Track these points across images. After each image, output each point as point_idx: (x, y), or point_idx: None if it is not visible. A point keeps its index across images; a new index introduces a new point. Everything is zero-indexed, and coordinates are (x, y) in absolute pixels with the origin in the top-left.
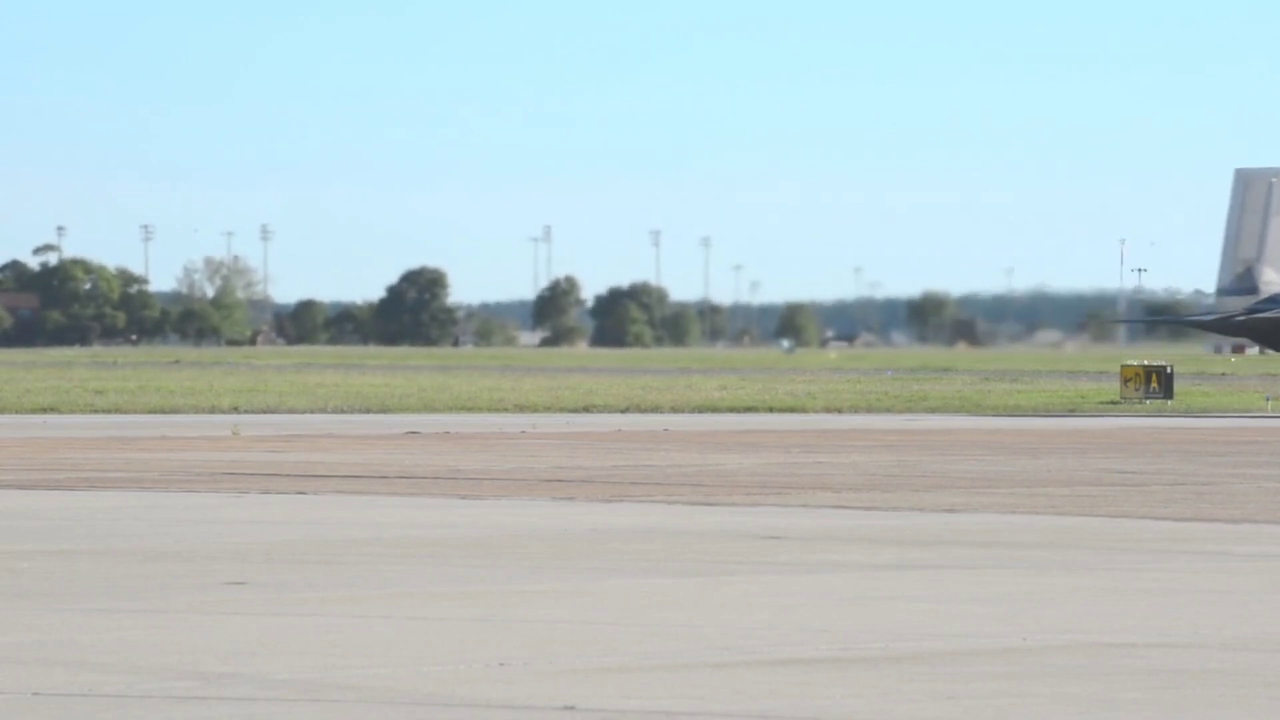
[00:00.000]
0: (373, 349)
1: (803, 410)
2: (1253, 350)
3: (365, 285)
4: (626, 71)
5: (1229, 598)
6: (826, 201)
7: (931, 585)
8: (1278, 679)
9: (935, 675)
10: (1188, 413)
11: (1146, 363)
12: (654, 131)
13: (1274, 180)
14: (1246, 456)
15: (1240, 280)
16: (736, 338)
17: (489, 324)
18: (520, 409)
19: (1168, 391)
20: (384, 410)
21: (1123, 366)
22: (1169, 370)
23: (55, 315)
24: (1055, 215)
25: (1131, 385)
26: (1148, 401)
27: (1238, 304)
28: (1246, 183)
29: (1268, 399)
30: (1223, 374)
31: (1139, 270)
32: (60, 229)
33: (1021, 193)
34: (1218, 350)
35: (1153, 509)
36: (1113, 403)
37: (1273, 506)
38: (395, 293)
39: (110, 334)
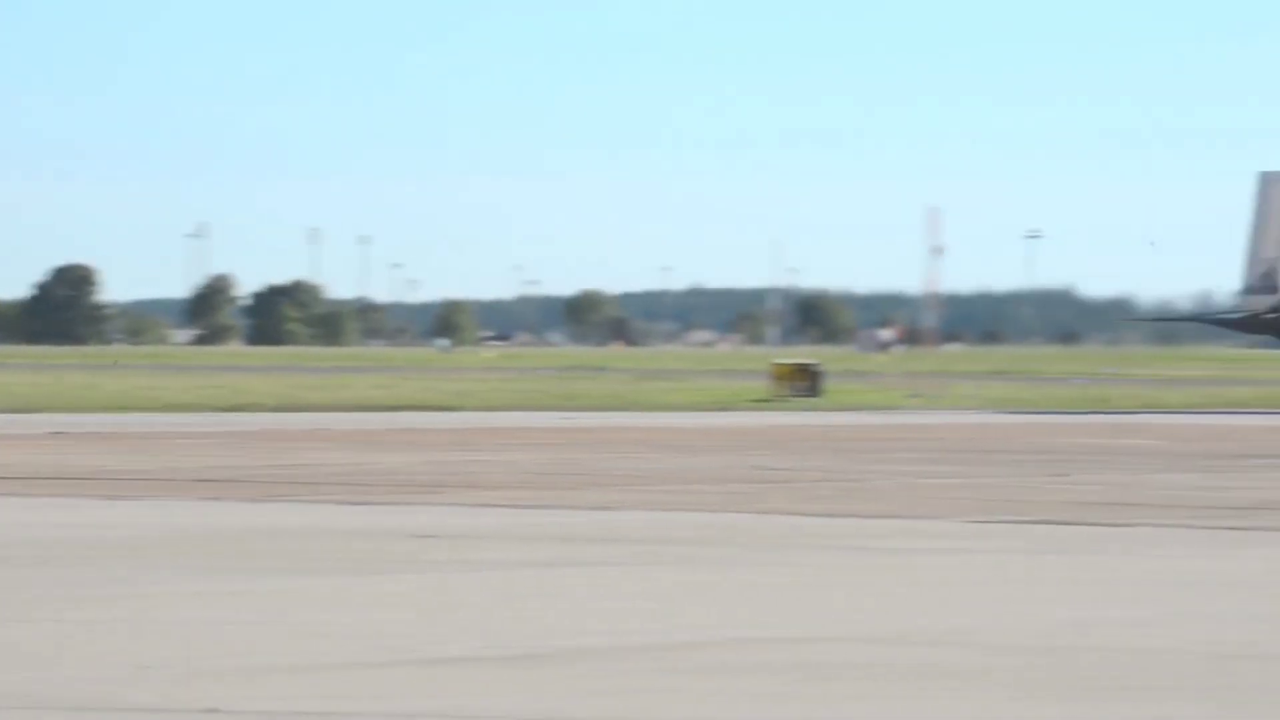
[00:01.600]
0: (18, 348)
1: (459, 409)
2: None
3: (11, 283)
4: (286, 71)
5: (873, 592)
6: (486, 200)
7: (586, 582)
8: (917, 671)
9: (588, 672)
10: (836, 409)
11: (797, 361)
12: (313, 129)
13: None
14: (892, 453)
15: (1263, 280)
16: (393, 336)
17: (141, 322)
18: (171, 408)
19: (816, 389)
20: (29, 410)
21: (773, 365)
22: (818, 369)
23: None
24: (711, 212)
25: (782, 383)
26: (797, 399)
27: (1262, 303)
28: (1269, 185)
29: (911, 396)
30: (871, 372)
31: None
32: None
33: (680, 187)
34: (878, 347)
35: (801, 505)
36: (763, 400)
37: (917, 501)
38: (44, 290)
39: None
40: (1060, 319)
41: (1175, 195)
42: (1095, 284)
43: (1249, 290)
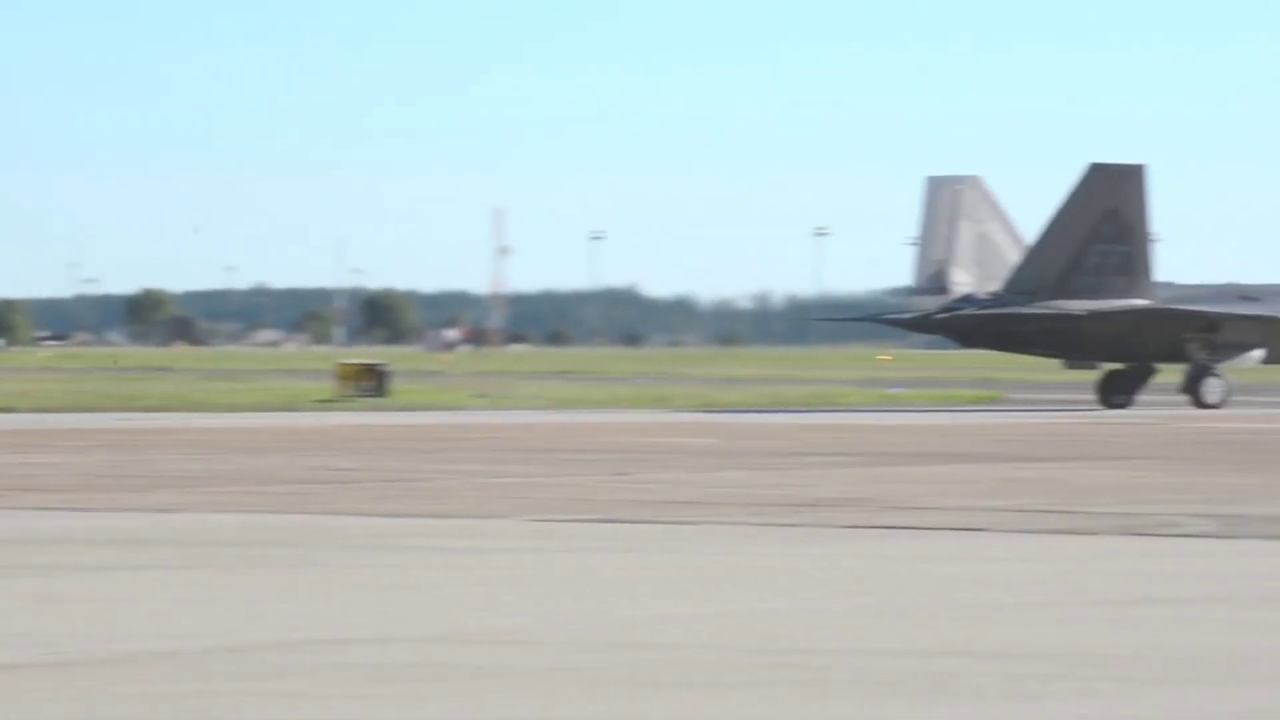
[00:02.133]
0: None
1: (14, 410)
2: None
3: None
4: None
5: (437, 591)
6: (40, 195)
7: (140, 586)
8: (480, 670)
9: (143, 676)
10: (402, 409)
11: (363, 361)
12: None
13: (959, 187)
14: (458, 453)
15: (933, 281)
16: None
17: None
18: None
19: (383, 389)
20: None
21: (339, 365)
22: (384, 369)
23: None
24: (275, 210)
25: (348, 383)
26: (363, 399)
27: (932, 303)
28: (936, 189)
29: (477, 396)
30: (437, 372)
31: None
32: None
33: (244, 185)
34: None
35: (368, 505)
36: (329, 401)
37: (483, 500)
38: None
39: None
40: (624, 319)
41: (731, 196)
42: (657, 284)
43: (919, 291)
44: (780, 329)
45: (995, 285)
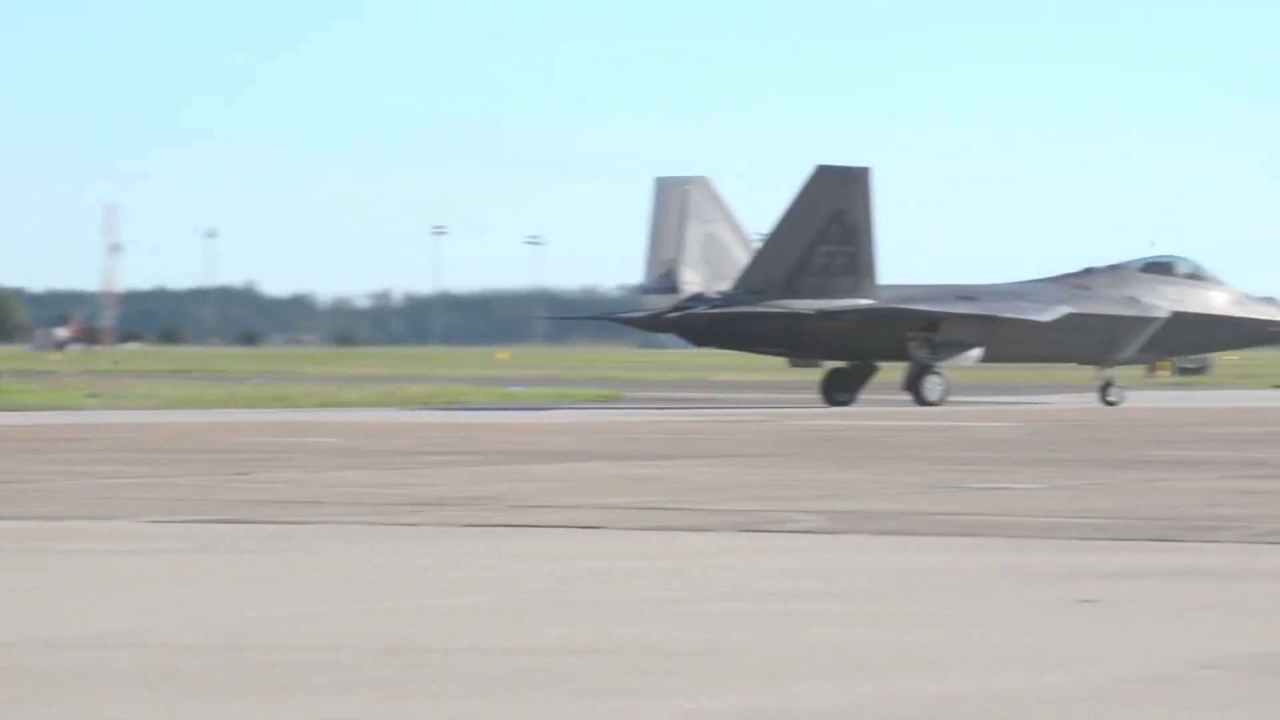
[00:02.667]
0: None
1: None
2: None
3: None
4: None
5: (41, 594)
6: None
7: None
8: (90, 673)
9: None
10: (11, 410)
11: None
12: None
13: (687, 188)
14: (70, 453)
15: (663, 280)
16: None
17: None
18: None
19: None
20: None
21: None
22: None
23: None
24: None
25: None
26: None
27: (663, 302)
28: (664, 190)
29: (90, 396)
30: (48, 371)
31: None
32: None
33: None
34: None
35: None
36: None
37: (96, 501)
38: None
39: None
40: (241, 317)
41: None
42: (275, 282)
43: (650, 290)
44: (399, 328)
45: (725, 285)
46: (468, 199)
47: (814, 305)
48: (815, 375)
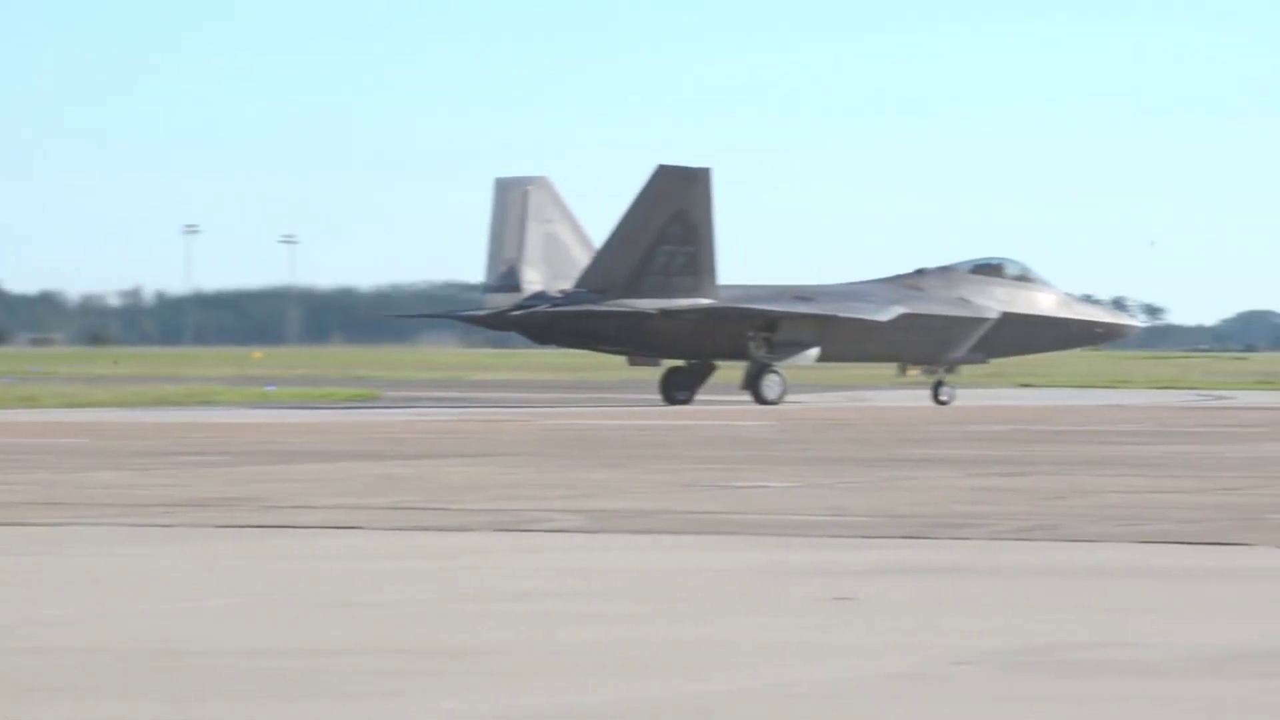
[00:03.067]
0: None
1: None
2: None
3: None
4: None
5: None
6: None
7: None
8: None
9: None
10: None
11: None
12: None
13: (528, 189)
14: None
15: (505, 279)
16: None
17: None
18: None
19: None
20: None
21: None
22: None
23: None
24: None
25: None
26: None
27: (506, 300)
28: (505, 190)
29: None
30: None
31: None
32: None
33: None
34: None
35: None
36: None
37: None
38: None
39: None
40: None
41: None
42: (21, 279)
43: (492, 289)
44: (151, 327)
45: (565, 284)
46: (221, 196)
47: (656, 304)
48: (654, 373)
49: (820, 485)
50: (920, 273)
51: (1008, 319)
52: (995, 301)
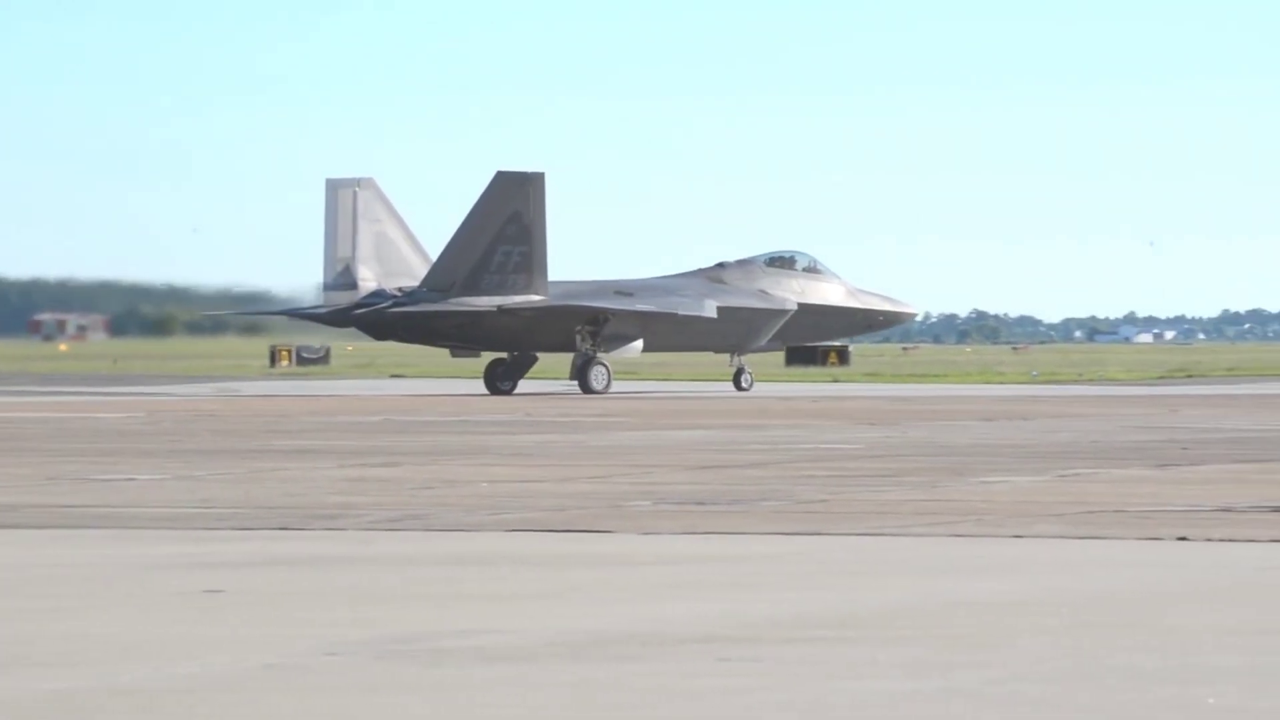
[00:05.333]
0: None
1: None
2: None
3: None
4: None
5: None
6: None
7: None
8: None
9: None
10: None
11: None
12: None
13: (355, 189)
14: None
15: (341, 277)
16: None
17: None
18: None
19: None
20: None
21: None
22: None
23: None
24: None
25: None
26: None
27: (344, 298)
28: (335, 190)
29: None
30: None
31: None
32: None
33: None
34: None
35: None
36: None
37: None
38: None
39: None
40: None
41: None
42: None
43: (330, 287)
44: None
45: (399, 282)
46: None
47: (494, 301)
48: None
49: (190, 477)
50: (721, 266)
51: (804, 309)
52: (791, 293)
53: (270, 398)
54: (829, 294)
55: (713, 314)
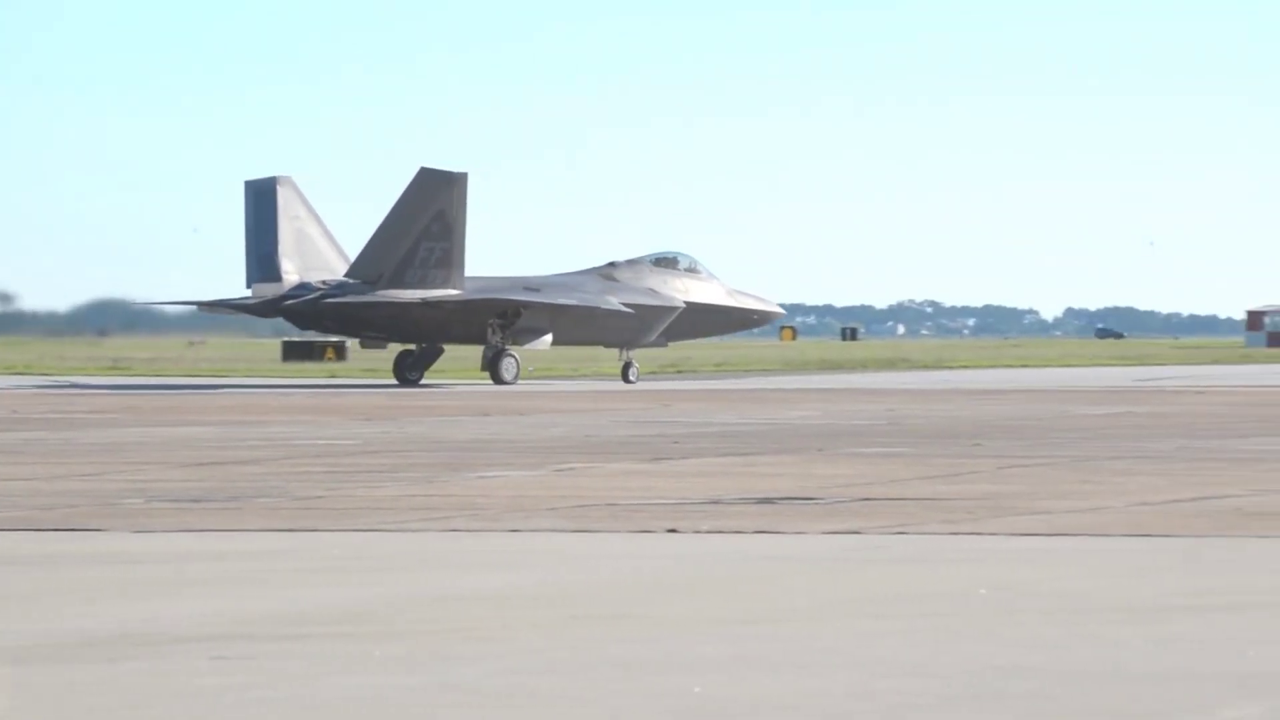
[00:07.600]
0: None
1: None
2: None
3: None
4: None
5: None
6: None
7: None
8: None
9: None
10: None
11: None
12: None
13: (274, 186)
14: None
15: (266, 270)
16: None
17: None
18: None
19: None
20: None
21: None
22: None
23: None
24: None
25: None
26: None
27: (271, 290)
28: (256, 191)
29: None
30: None
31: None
32: None
33: None
34: None
35: None
36: None
37: None
38: None
39: None
40: None
41: None
42: None
43: (255, 280)
44: None
45: (318, 275)
46: None
47: (418, 295)
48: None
49: None
50: (612, 265)
51: (690, 307)
52: (676, 292)
53: None
54: (710, 293)
55: (621, 309)
